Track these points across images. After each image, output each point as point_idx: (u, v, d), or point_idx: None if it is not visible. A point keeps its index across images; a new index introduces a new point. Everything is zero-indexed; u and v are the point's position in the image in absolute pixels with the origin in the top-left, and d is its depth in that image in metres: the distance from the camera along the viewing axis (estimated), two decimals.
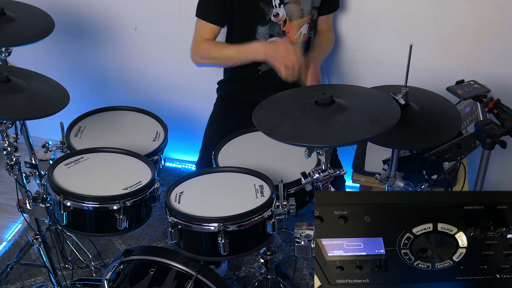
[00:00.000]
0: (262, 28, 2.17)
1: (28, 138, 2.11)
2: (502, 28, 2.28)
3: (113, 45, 2.81)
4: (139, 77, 2.88)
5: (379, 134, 1.43)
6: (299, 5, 2.17)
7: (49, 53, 2.88)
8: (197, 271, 1.79)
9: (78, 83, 2.90)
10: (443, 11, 2.30)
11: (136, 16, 2.69)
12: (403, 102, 1.58)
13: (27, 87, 1.71)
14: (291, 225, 1.68)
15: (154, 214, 1.81)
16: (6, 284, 2.35)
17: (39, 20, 2.10)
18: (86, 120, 2.09)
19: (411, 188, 1.71)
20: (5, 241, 2.62)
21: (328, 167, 1.63)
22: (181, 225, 1.63)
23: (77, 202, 1.66)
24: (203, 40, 2.17)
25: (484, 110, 1.77)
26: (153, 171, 1.78)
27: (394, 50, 2.43)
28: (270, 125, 1.55)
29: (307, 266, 2.44)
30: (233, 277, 2.40)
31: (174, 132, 2.29)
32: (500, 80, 2.37)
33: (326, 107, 1.54)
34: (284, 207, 1.67)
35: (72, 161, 1.83)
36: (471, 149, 1.80)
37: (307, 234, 1.57)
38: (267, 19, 2.16)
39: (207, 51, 2.18)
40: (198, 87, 2.79)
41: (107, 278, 1.80)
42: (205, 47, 2.17)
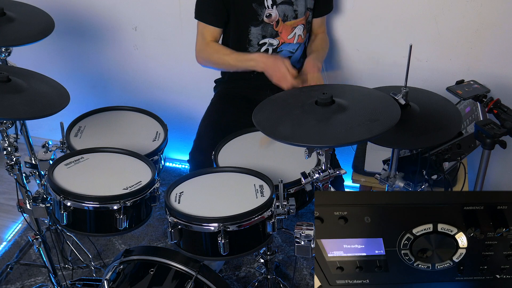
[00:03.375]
0: (254, 29, 2.18)
1: (28, 138, 2.11)
2: (502, 28, 2.28)
3: (113, 45, 2.81)
4: (139, 77, 2.88)
5: (379, 134, 1.43)
6: (292, 6, 2.17)
7: (49, 53, 2.88)
8: (197, 271, 1.79)
9: (78, 83, 2.90)
10: (443, 11, 2.30)
11: (136, 16, 2.69)
12: (403, 102, 1.58)
13: (27, 87, 1.71)
14: (291, 225, 1.68)
15: (154, 214, 1.81)
16: (6, 284, 2.35)
17: (39, 20, 2.10)
18: (86, 120, 2.09)
19: (411, 188, 1.71)
20: (5, 241, 2.62)
21: (328, 167, 1.63)
22: (181, 225, 1.63)
23: (77, 202, 1.66)
24: (207, 44, 2.19)
25: (484, 110, 1.77)
26: (153, 171, 1.78)
27: (394, 50, 2.43)
28: (270, 125, 1.55)
29: (307, 266, 2.44)
30: (233, 277, 2.40)
31: (174, 132, 2.29)
32: (500, 80, 2.37)
33: (326, 107, 1.54)
34: (284, 207, 1.67)
35: (72, 161, 1.83)
36: (471, 149, 1.80)
37: (307, 234, 1.57)
38: (260, 19, 2.16)
39: (210, 56, 2.20)
40: (198, 87, 2.79)
41: (107, 278, 1.80)
42: (209, 51, 2.20)
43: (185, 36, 2.33)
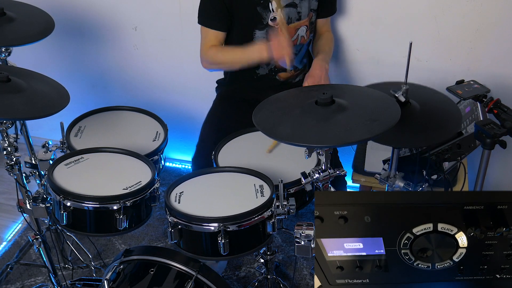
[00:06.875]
0: (259, 33, 2.17)
1: (28, 138, 2.11)
2: (502, 28, 2.28)
3: (113, 45, 2.81)
4: (139, 77, 2.88)
5: (379, 134, 1.43)
6: (296, 8, 2.17)
7: (49, 53, 2.88)
8: (197, 271, 1.79)
9: (78, 83, 2.90)
10: (443, 11, 2.30)
11: (136, 16, 2.69)
12: (403, 100, 1.58)
13: (27, 87, 1.71)
14: (291, 225, 1.68)
15: (154, 214, 1.81)
16: (6, 284, 2.35)
17: (39, 20, 2.10)
18: (86, 120, 2.09)
19: (411, 188, 1.71)
20: (5, 241, 2.62)
21: (328, 167, 1.63)
22: (181, 225, 1.63)
23: (77, 202, 1.66)
24: (210, 47, 2.19)
25: (484, 110, 1.77)
26: (153, 171, 1.78)
27: (394, 50, 2.43)
28: (270, 125, 1.55)
29: (307, 266, 2.44)
30: (233, 277, 2.40)
31: (174, 132, 2.29)
32: (500, 80, 2.37)
33: (326, 107, 1.54)
34: (284, 207, 1.67)
35: (72, 161, 1.83)
36: (471, 149, 1.80)
37: (307, 234, 1.57)
38: (264, 23, 2.16)
39: (214, 57, 2.19)
40: (198, 87, 2.79)
41: (107, 278, 1.79)
42: (212, 53, 2.19)
43: (185, 36, 2.33)
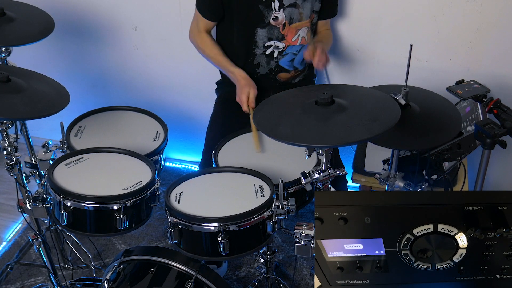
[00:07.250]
0: (261, 31, 2.18)
1: (28, 138, 2.11)
2: (502, 28, 2.28)
3: (113, 45, 2.81)
4: (139, 77, 2.88)
5: (379, 134, 1.43)
6: (298, 9, 2.17)
7: (49, 53, 2.88)
8: (197, 271, 1.79)
9: (78, 83, 2.90)
10: (443, 11, 2.30)
11: (136, 16, 2.69)
12: (403, 102, 1.58)
13: (27, 87, 1.71)
14: (291, 225, 1.68)
15: (154, 214, 1.81)
16: (6, 284, 2.35)
17: (39, 20, 2.10)
18: (86, 120, 2.09)
19: (411, 188, 1.71)
20: (5, 241, 2.62)
21: (328, 167, 1.63)
22: (181, 225, 1.63)
23: (77, 202, 1.66)
24: (199, 32, 2.27)
25: (484, 110, 1.77)
26: (153, 171, 1.78)
27: (394, 50, 2.43)
28: (270, 125, 1.55)
29: (307, 266, 2.44)
30: (233, 277, 2.40)
31: (174, 132, 2.29)
32: (500, 80, 2.37)
33: (326, 107, 1.54)
34: (284, 207, 1.67)
35: (72, 161, 1.83)
36: (471, 149, 1.80)
37: (307, 234, 1.57)
38: (266, 22, 2.16)
39: (200, 45, 2.28)
40: (198, 87, 2.79)
41: (107, 278, 1.80)
42: (200, 41, 2.27)
43: (185, 36, 2.32)
